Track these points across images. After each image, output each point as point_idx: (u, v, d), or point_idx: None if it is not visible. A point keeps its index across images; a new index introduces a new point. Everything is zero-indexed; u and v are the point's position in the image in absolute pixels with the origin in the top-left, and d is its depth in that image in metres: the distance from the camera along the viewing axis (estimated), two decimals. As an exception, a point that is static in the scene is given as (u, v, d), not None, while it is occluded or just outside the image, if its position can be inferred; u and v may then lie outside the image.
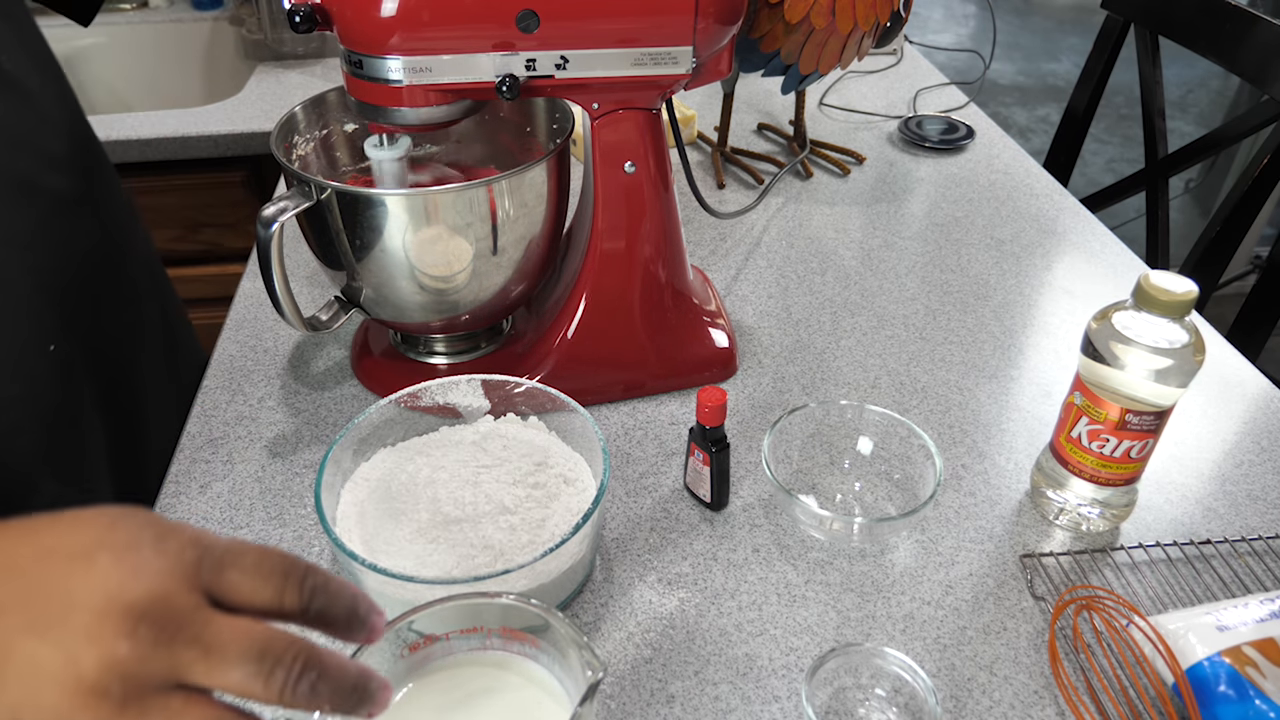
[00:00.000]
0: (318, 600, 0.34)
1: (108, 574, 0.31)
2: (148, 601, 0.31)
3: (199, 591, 0.32)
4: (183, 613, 0.32)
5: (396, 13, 0.57)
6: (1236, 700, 0.50)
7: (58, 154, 0.64)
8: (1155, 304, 0.56)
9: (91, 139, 0.71)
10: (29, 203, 0.60)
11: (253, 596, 0.33)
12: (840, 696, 0.54)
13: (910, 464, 0.66)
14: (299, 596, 0.34)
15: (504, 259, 0.69)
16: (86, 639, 0.30)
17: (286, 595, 0.34)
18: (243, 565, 0.33)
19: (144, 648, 0.31)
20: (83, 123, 0.70)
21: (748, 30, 0.90)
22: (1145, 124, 1.33)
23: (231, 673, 0.32)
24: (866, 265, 0.95)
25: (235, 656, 0.32)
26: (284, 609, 0.34)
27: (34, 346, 0.59)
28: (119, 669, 0.30)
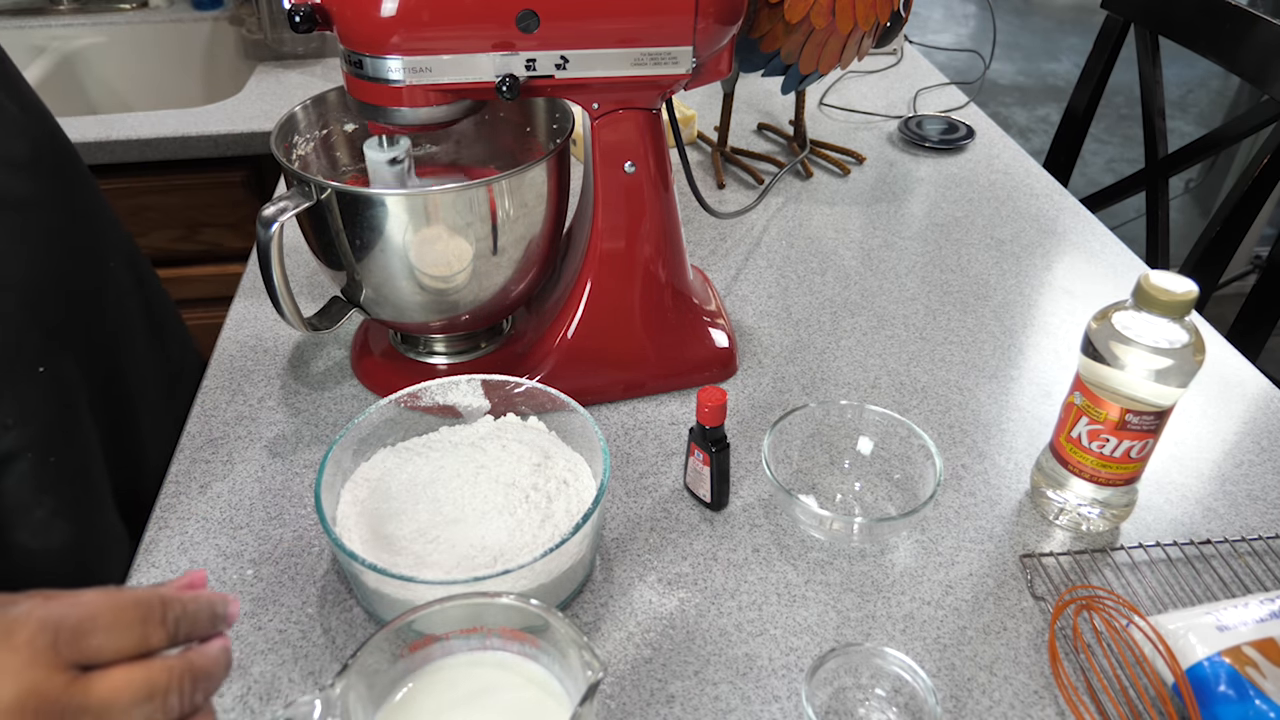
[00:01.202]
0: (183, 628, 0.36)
1: None
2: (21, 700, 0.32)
3: (65, 670, 0.33)
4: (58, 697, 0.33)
5: (396, 13, 0.57)
6: (1236, 700, 0.50)
7: (21, 159, 0.61)
8: (1155, 304, 0.56)
9: (59, 138, 0.68)
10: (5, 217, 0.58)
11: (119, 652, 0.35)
12: (840, 696, 0.54)
13: (910, 464, 0.66)
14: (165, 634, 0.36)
15: (504, 259, 0.69)
16: None
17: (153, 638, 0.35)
18: (99, 628, 0.34)
19: None
20: (48, 121, 0.68)
21: (748, 30, 0.90)
22: (1145, 124, 1.33)
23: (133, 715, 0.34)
24: (866, 265, 0.95)
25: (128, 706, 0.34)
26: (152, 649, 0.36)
27: (24, 370, 0.58)
28: None
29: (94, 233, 0.70)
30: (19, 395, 0.57)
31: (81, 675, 0.34)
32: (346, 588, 0.60)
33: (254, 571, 0.61)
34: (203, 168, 1.27)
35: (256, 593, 0.60)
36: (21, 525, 0.58)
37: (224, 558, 0.62)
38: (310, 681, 0.55)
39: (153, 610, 0.36)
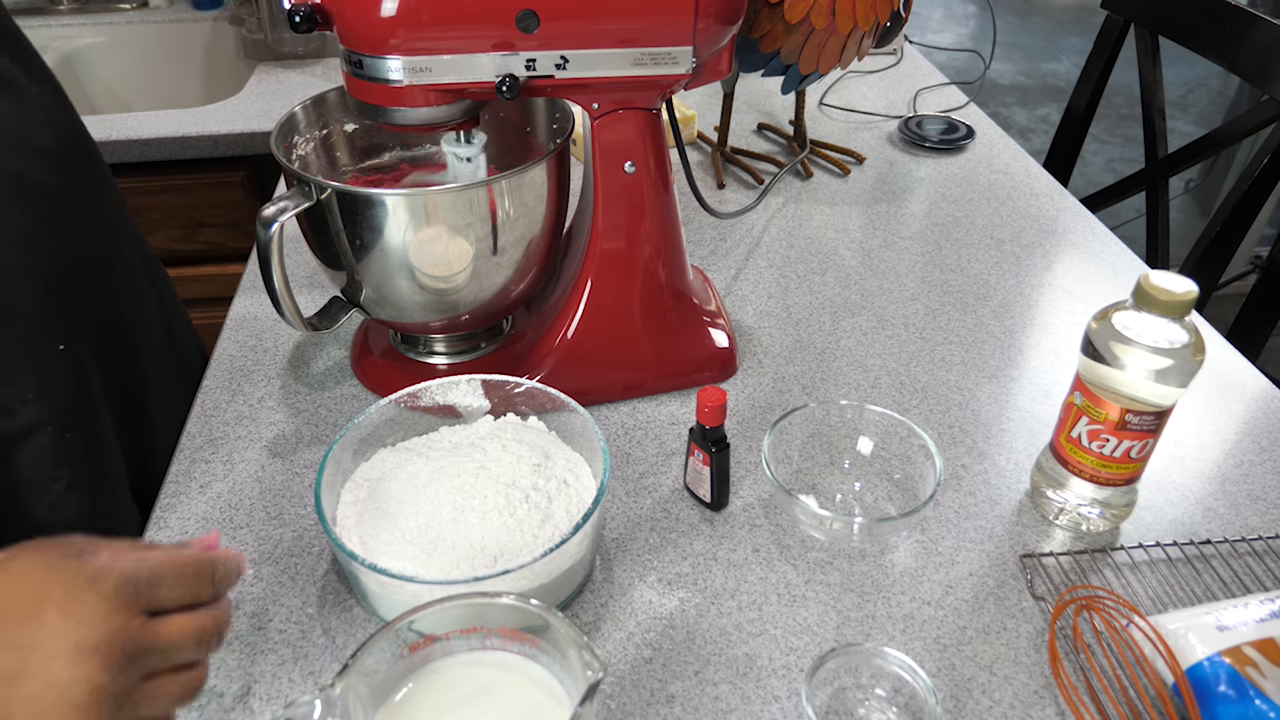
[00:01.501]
0: (222, 586, 0.45)
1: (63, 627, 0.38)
2: (108, 640, 0.38)
3: (139, 614, 0.40)
4: (136, 637, 0.40)
5: (396, 13, 0.57)
6: (1236, 700, 0.50)
7: (48, 148, 0.64)
8: (1155, 304, 0.56)
9: (83, 134, 0.71)
10: (26, 200, 0.61)
11: (178, 603, 0.42)
12: (840, 696, 0.54)
13: (910, 464, 0.66)
14: (212, 590, 0.44)
15: (504, 259, 0.69)
16: (71, 681, 0.37)
17: (203, 593, 0.44)
18: (167, 580, 0.42)
19: (118, 670, 0.38)
20: (74, 119, 0.70)
21: (748, 30, 0.90)
22: (1145, 124, 1.33)
23: (185, 655, 0.42)
24: (866, 265, 0.95)
25: (184, 647, 0.42)
26: (201, 601, 0.44)
27: (45, 348, 0.61)
28: (105, 692, 0.38)
29: (112, 225, 0.72)
30: (39, 372, 0.60)
31: (151, 620, 0.41)
32: (346, 588, 0.60)
33: (254, 571, 0.61)
34: (203, 168, 1.27)
35: (256, 593, 0.60)
36: (39, 499, 0.61)
37: (224, 558, 0.62)
38: (310, 681, 0.55)
39: (204, 570, 0.44)
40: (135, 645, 0.39)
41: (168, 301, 0.81)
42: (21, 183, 0.61)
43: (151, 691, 0.41)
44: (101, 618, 0.38)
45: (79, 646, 0.37)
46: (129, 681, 0.39)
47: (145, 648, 0.40)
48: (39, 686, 0.37)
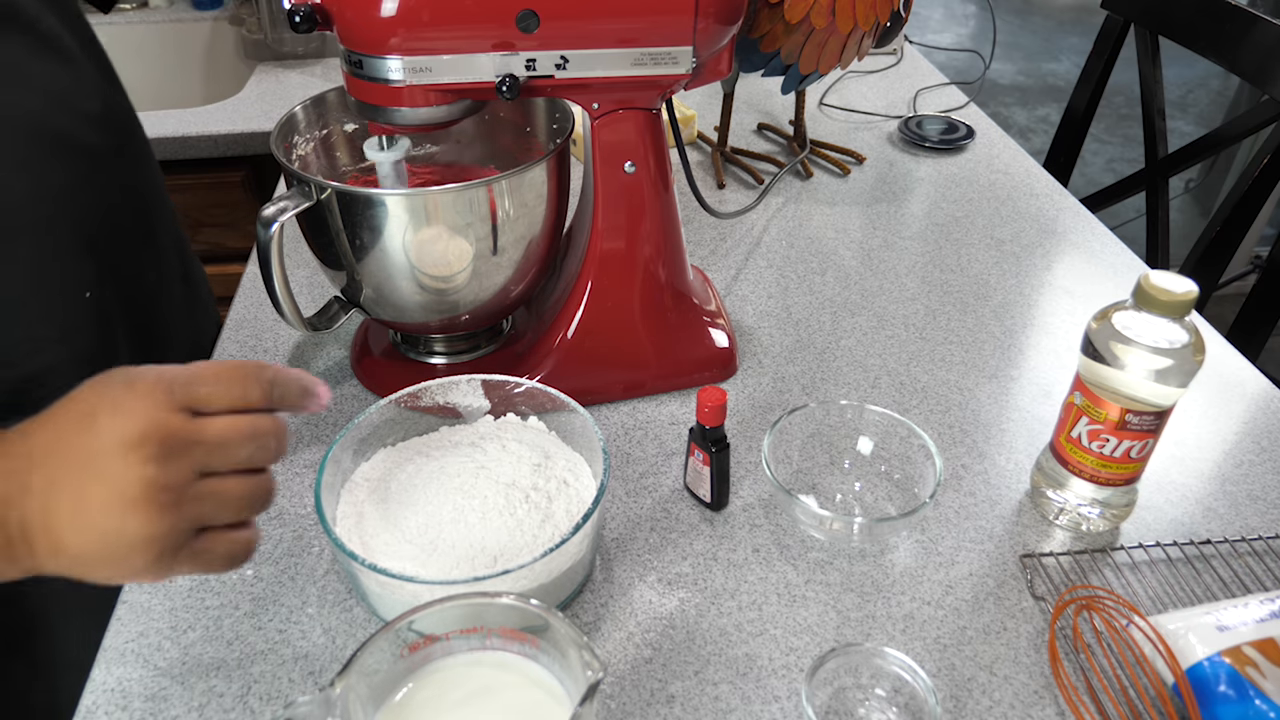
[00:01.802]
0: (277, 390, 0.43)
1: (110, 427, 0.40)
2: (147, 433, 0.39)
3: (178, 411, 0.41)
4: (176, 431, 0.40)
5: (396, 13, 0.57)
6: (1236, 700, 0.50)
7: (94, 113, 0.67)
8: (1155, 304, 0.56)
9: (125, 103, 0.75)
10: (68, 157, 0.64)
11: (224, 402, 0.42)
12: (840, 696, 0.54)
13: (910, 464, 0.66)
14: (262, 392, 0.43)
15: (504, 259, 0.69)
16: (122, 475, 0.39)
17: (252, 394, 0.42)
18: (206, 381, 0.42)
19: (163, 463, 0.40)
20: (117, 87, 0.74)
21: (748, 30, 0.90)
22: (1145, 124, 1.33)
23: (238, 453, 0.42)
24: (866, 265, 0.95)
25: (236, 443, 0.42)
26: (250, 404, 0.42)
27: (72, 293, 0.64)
28: (154, 484, 0.39)
29: (147, 191, 0.76)
30: (65, 315, 0.63)
31: (195, 417, 0.41)
32: (346, 588, 0.60)
33: (254, 571, 0.61)
34: (203, 168, 1.27)
35: (256, 593, 0.60)
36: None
37: (224, 558, 0.62)
38: (310, 681, 0.55)
39: (249, 372, 0.43)
40: (175, 437, 0.40)
41: (191, 272, 0.84)
42: (65, 140, 0.64)
43: (210, 490, 0.41)
44: (141, 413, 0.40)
45: (124, 442, 0.39)
46: (179, 475, 0.40)
47: (187, 439, 0.40)
48: (99, 488, 0.39)
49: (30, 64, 0.60)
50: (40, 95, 0.60)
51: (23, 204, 0.59)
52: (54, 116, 0.62)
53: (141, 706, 0.53)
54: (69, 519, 0.40)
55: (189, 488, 0.41)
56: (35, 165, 0.60)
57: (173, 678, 0.55)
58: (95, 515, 0.39)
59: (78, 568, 0.41)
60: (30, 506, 0.40)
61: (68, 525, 0.40)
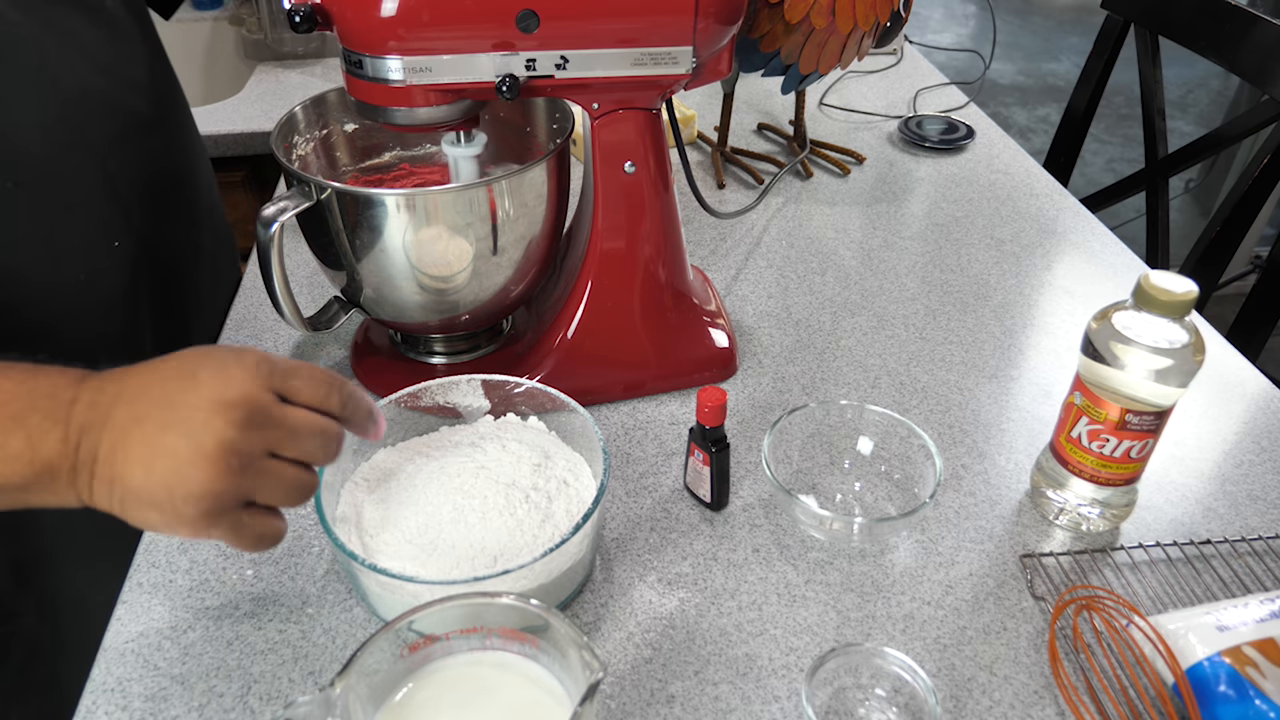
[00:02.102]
0: (348, 407, 0.49)
1: (210, 385, 0.44)
2: (240, 400, 0.44)
3: (271, 392, 0.45)
4: (266, 407, 0.45)
5: (396, 13, 0.57)
6: (1236, 700, 0.50)
7: (140, 81, 0.72)
8: (1155, 304, 0.56)
9: (171, 77, 0.80)
10: (111, 119, 0.67)
11: (310, 398, 0.47)
12: (840, 696, 0.54)
13: (910, 464, 0.66)
14: (339, 403, 0.48)
15: (504, 259, 0.69)
16: (205, 429, 0.43)
17: (330, 400, 0.48)
18: (300, 375, 0.47)
19: (244, 430, 0.43)
20: (164, 61, 0.78)
21: (748, 30, 0.90)
22: (1145, 124, 1.33)
23: (305, 444, 0.46)
24: (866, 265, 0.95)
25: (307, 435, 0.46)
26: (327, 408, 0.48)
27: (101, 241, 0.67)
28: (230, 446, 0.43)
29: (184, 162, 0.80)
30: (92, 258, 0.66)
31: (280, 402, 0.45)
32: (346, 588, 0.60)
33: (254, 571, 0.61)
34: (203, 168, 1.27)
35: (256, 593, 0.60)
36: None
37: (224, 558, 0.62)
38: (310, 681, 0.55)
39: (337, 383, 0.48)
40: (264, 413, 0.44)
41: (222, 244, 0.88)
42: (107, 102, 0.67)
43: (271, 469, 0.45)
44: (241, 381, 0.44)
45: (218, 402, 0.43)
46: (253, 446, 0.44)
47: (272, 419, 0.45)
48: (178, 435, 0.42)
49: (84, 33, 0.65)
50: (88, 61, 0.65)
51: (60, 153, 0.63)
52: (98, 80, 0.66)
53: (141, 706, 0.53)
54: (140, 456, 0.43)
55: (256, 461, 0.44)
56: (76, 120, 0.64)
57: (173, 678, 0.55)
58: (167, 459, 0.42)
59: (127, 505, 0.44)
60: (105, 438, 0.43)
61: (137, 461, 0.43)
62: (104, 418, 0.44)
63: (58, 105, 0.63)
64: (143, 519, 0.44)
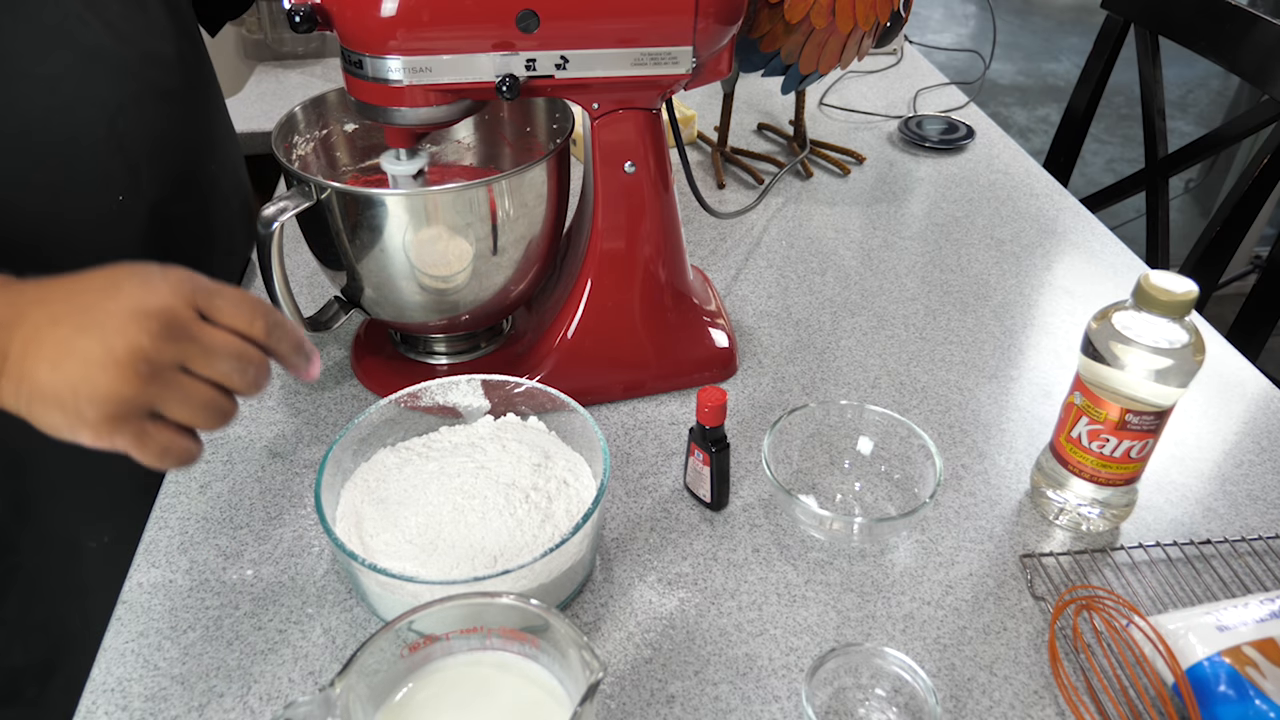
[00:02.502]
0: (274, 334, 0.47)
1: (130, 294, 0.44)
2: (158, 311, 0.43)
3: (193, 309, 0.45)
4: (184, 320, 0.44)
5: (396, 13, 0.57)
6: (1236, 700, 0.50)
7: (161, 54, 0.73)
8: (1155, 304, 0.56)
9: (202, 60, 0.82)
10: (122, 81, 0.69)
11: (232, 320, 0.46)
12: (840, 696, 0.54)
13: (910, 464, 0.66)
14: (263, 329, 0.47)
15: (504, 259, 0.69)
16: (119, 335, 0.42)
17: (254, 325, 0.47)
18: (225, 296, 0.46)
19: (158, 340, 0.43)
20: (195, 45, 0.81)
21: (748, 30, 0.90)
22: (1145, 124, 1.33)
23: (219, 365, 0.45)
24: (866, 265, 0.95)
25: (222, 354, 0.45)
26: (251, 334, 0.47)
27: (104, 193, 0.68)
28: (142, 354, 0.43)
29: (202, 135, 0.82)
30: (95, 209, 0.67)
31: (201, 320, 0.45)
32: (346, 588, 0.60)
33: (254, 571, 0.61)
34: (203, 168, 1.27)
35: (256, 593, 0.60)
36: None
37: (224, 558, 0.62)
38: (310, 681, 0.55)
39: (263, 309, 0.47)
40: (181, 326, 0.44)
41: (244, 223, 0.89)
42: (122, 68, 0.69)
43: (182, 383, 0.45)
44: (162, 294, 0.44)
45: (136, 310, 0.43)
46: (165, 356, 0.43)
47: (189, 333, 0.44)
48: (91, 338, 0.43)
49: (111, 7, 0.68)
50: (107, 27, 0.67)
51: (68, 104, 0.65)
52: (116, 45, 0.68)
53: (141, 706, 0.53)
54: (50, 356, 0.43)
55: (165, 372, 0.44)
56: (88, 77, 0.66)
57: (173, 678, 0.55)
58: (77, 360, 0.43)
59: (34, 405, 0.44)
60: (18, 336, 0.44)
61: (46, 361, 0.43)
62: (19, 316, 0.44)
63: (70, 61, 0.65)
64: (48, 420, 0.44)
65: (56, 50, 0.64)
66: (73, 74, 0.65)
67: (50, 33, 0.64)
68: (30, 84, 0.63)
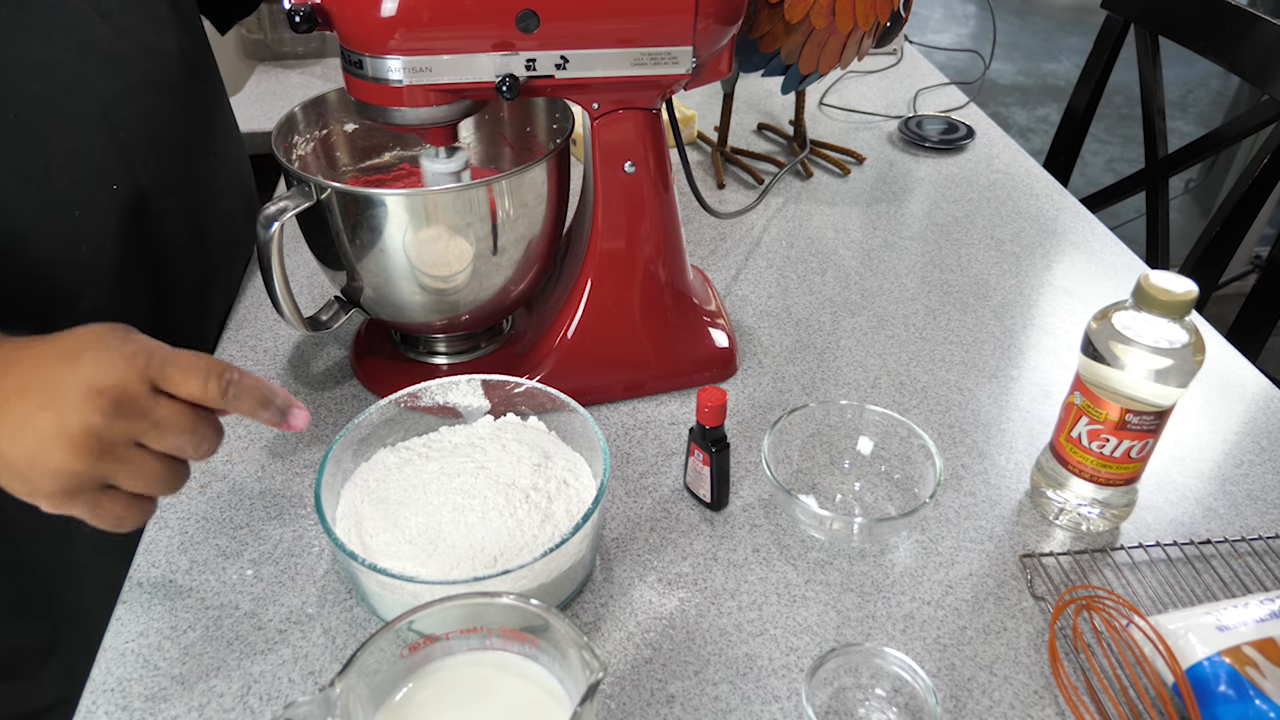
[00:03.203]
0: (231, 395, 0.48)
1: (88, 369, 0.45)
2: (111, 388, 0.45)
3: (147, 383, 0.46)
4: (136, 397, 0.46)
5: (396, 13, 0.57)
6: (1236, 700, 0.50)
7: (162, 48, 0.74)
8: (1155, 304, 0.56)
9: (206, 56, 0.83)
10: (119, 72, 0.70)
11: (186, 390, 0.47)
12: (840, 696, 0.54)
13: (910, 464, 0.66)
14: (219, 391, 0.48)
15: (504, 259, 0.69)
16: (74, 412, 0.45)
17: (209, 391, 0.47)
18: (178, 365, 0.47)
19: (110, 418, 0.45)
20: (199, 41, 0.82)
21: (748, 30, 0.90)
22: (1145, 124, 1.33)
23: (170, 439, 0.47)
24: (866, 265, 0.95)
25: (173, 429, 0.47)
26: (208, 399, 0.48)
27: (97, 181, 0.69)
28: (94, 432, 0.45)
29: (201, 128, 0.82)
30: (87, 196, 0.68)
31: (155, 394, 0.46)
32: (346, 588, 0.60)
33: (254, 571, 0.61)
34: (203, 168, 1.27)
35: (256, 593, 0.60)
36: (64, 312, 0.67)
37: (224, 558, 0.62)
38: (310, 681, 0.55)
39: (217, 371, 0.48)
40: (132, 404, 0.46)
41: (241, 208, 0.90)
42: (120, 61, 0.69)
43: (135, 458, 0.47)
44: (116, 370, 0.45)
45: (91, 387, 0.45)
46: (116, 434, 0.45)
47: (140, 410, 0.46)
48: (50, 414, 0.45)
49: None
50: (105, 19, 0.68)
51: (62, 93, 0.65)
52: (112, 37, 0.69)
53: (141, 706, 0.53)
54: (10, 428, 0.46)
55: (118, 449, 0.46)
56: (82, 67, 0.67)
57: (173, 678, 0.55)
58: (33, 434, 0.45)
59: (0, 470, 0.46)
60: None
61: (7, 432, 0.46)
62: None
63: (66, 50, 0.66)
64: (8, 485, 0.47)
65: (52, 38, 0.65)
66: (68, 63, 0.66)
67: (46, 21, 0.64)
68: (24, 71, 0.63)
